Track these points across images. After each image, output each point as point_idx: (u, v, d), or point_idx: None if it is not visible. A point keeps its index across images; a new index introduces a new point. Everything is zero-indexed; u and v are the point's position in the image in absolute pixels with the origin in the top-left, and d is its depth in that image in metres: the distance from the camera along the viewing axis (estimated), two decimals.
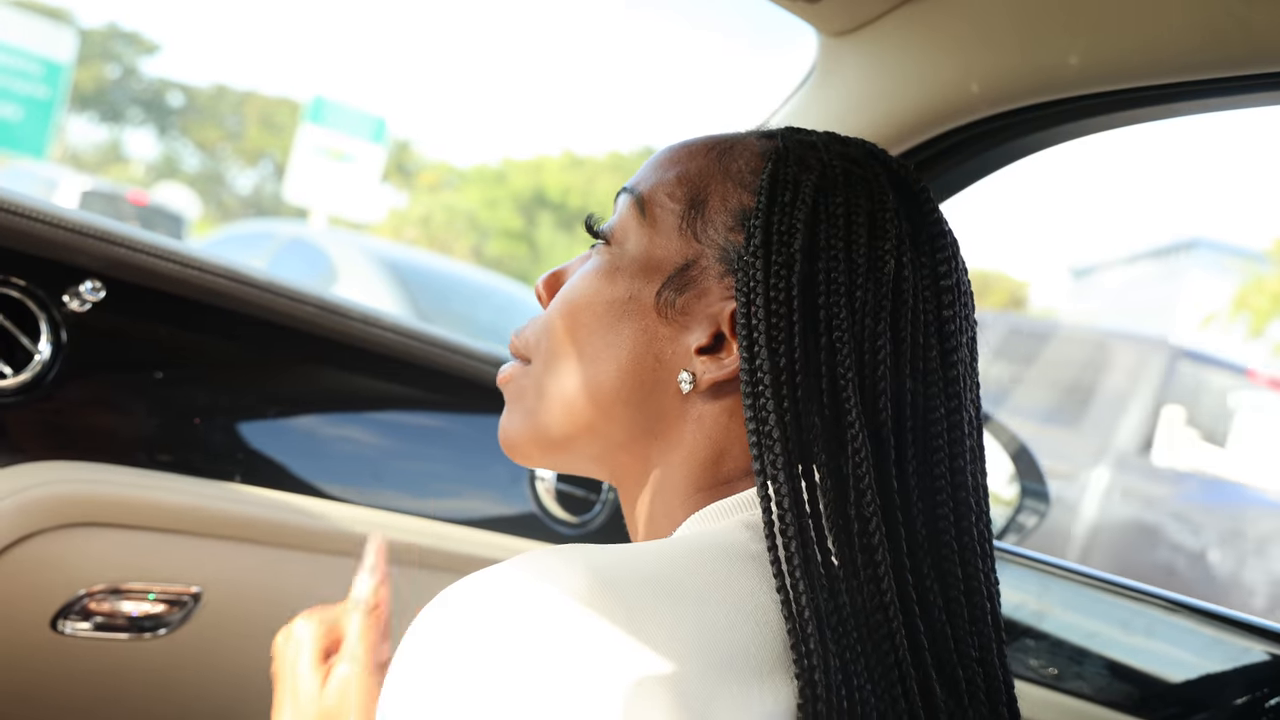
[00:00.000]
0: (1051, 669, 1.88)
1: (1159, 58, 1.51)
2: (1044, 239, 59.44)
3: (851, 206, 1.04)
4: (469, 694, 0.79)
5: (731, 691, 0.83)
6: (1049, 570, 1.98)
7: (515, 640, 0.80)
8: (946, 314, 1.06)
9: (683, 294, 1.06)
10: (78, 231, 1.75)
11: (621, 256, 1.09)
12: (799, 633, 0.88)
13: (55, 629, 1.80)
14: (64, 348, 1.74)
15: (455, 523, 2.15)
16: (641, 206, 1.10)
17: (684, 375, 1.04)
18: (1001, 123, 1.75)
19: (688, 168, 1.10)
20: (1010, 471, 2.32)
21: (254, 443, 1.95)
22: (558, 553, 0.87)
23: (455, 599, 0.85)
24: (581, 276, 1.11)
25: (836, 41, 1.81)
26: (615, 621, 0.81)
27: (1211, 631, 1.82)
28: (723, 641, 0.85)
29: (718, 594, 0.88)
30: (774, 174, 1.06)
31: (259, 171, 42.79)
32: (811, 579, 0.91)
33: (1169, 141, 64.87)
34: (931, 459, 1.02)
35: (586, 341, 1.08)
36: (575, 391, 1.09)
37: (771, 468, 0.95)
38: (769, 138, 1.12)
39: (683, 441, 1.07)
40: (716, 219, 1.06)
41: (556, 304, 1.12)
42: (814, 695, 0.86)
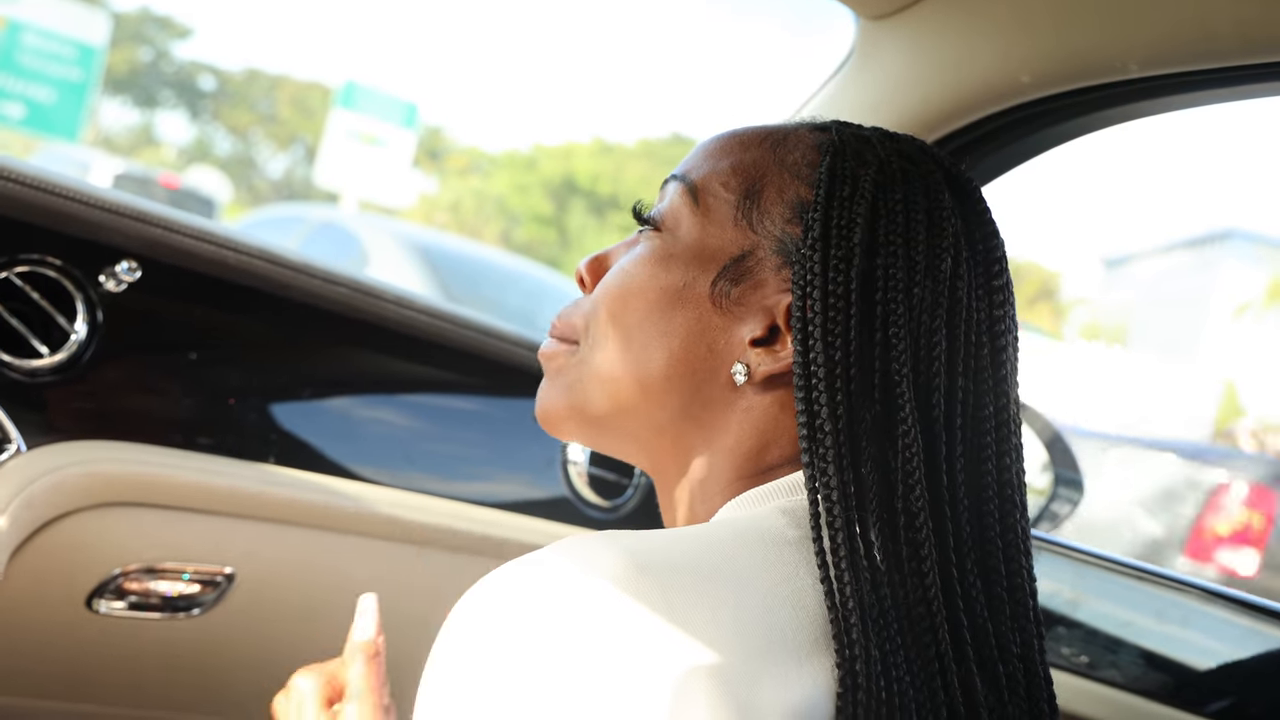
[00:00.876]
0: (1085, 657, 1.87)
1: (1200, 42, 1.50)
2: (1077, 229, 59.22)
3: (910, 203, 1.04)
4: (511, 681, 0.79)
5: (772, 674, 0.83)
6: (1083, 559, 1.97)
7: (558, 627, 0.80)
8: (998, 313, 1.07)
9: (738, 285, 1.05)
10: (114, 211, 1.75)
11: (675, 244, 1.08)
12: (841, 622, 0.88)
13: (90, 608, 1.81)
14: (100, 328, 1.75)
15: (487, 505, 2.15)
16: (694, 194, 1.09)
17: (738, 367, 1.04)
18: (1040, 108, 1.74)
19: (742, 158, 1.09)
20: (1044, 460, 2.31)
21: (287, 424, 1.95)
22: (599, 538, 0.87)
23: (497, 585, 0.86)
24: (633, 262, 1.10)
25: (875, 25, 1.80)
26: (656, 608, 0.81)
27: (1247, 621, 1.81)
28: (761, 626, 0.85)
29: (756, 579, 0.88)
30: (832, 167, 1.05)
31: (290, 156, 42.90)
32: (856, 571, 0.91)
33: (1205, 131, 64.48)
34: (980, 456, 1.03)
35: (638, 327, 1.07)
36: (622, 373, 1.08)
37: (821, 461, 0.95)
38: (822, 130, 1.11)
39: (728, 430, 1.07)
40: (773, 210, 1.06)
41: (605, 288, 1.11)
42: (854, 685, 0.86)
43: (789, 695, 0.83)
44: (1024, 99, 1.71)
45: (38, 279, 1.72)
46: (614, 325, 1.09)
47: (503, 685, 0.79)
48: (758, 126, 1.13)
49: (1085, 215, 58.80)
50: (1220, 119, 67.40)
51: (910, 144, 1.12)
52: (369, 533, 1.99)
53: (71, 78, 15.41)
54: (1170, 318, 33.78)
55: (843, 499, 0.93)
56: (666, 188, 1.13)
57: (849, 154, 1.07)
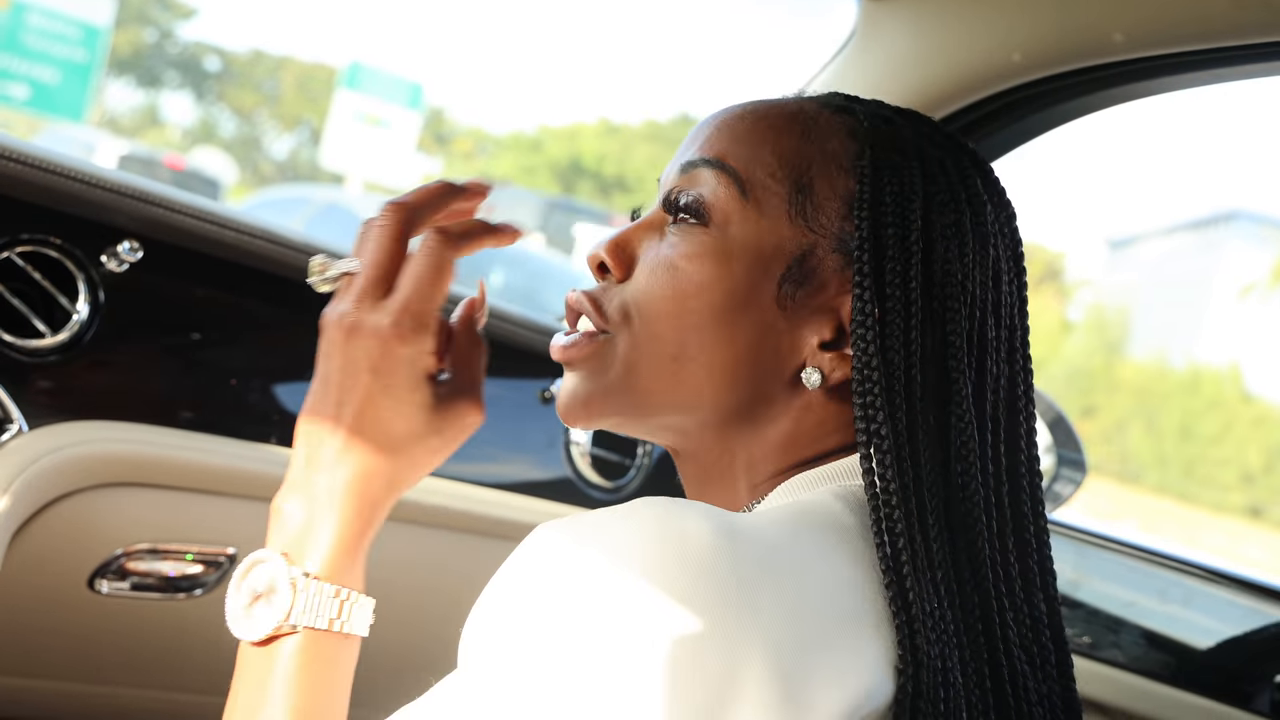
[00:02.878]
0: (1087, 638, 1.87)
1: (1203, 21, 1.50)
2: (1081, 210, 59.09)
3: (954, 194, 1.05)
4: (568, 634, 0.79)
5: (829, 661, 0.82)
6: (1086, 539, 1.97)
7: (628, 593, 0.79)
8: (1025, 295, 1.09)
9: (802, 287, 1.04)
10: (116, 191, 1.75)
11: (730, 242, 1.04)
12: (903, 612, 0.88)
13: (92, 588, 1.81)
14: (101, 308, 1.75)
15: (488, 486, 2.15)
16: (742, 187, 1.05)
17: (811, 373, 1.03)
18: (1041, 88, 1.74)
19: (781, 145, 1.06)
20: (1048, 441, 2.31)
21: (290, 404, 1.95)
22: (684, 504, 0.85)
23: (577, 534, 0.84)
24: (686, 259, 1.05)
25: (877, 6, 1.80)
26: (726, 591, 0.80)
27: (1249, 601, 1.81)
28: (822, 611, 0.85)
29: (817, 565, 0.88)
30: (875, 161, 1.04)
31: (295, 137, 42.82)
32: (916, 564, 0.91)
33: (1209, 111, 64.27)
34: (1015, 439, 1.05)
35: (699, 329, 1.03)
36: (679, 374, 1.05)
37: (881, 466, 0.95)
38: (844, 112, 1.09)
39: (782, 424, 1.06)
40: (828, 206, 1.04)
41: (656, 284, 1.06)
42: (915, 664, 0.87)
43: (850, 679, 0.83)
44: (1025, 79, 1.71)
45: (39, 259, 1.72)
46: (671, 326, 1.04)
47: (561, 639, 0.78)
48: (777, 104, 1.11)
49: (1090, 197, 58.70)
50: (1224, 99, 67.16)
51: (929, 124, 1.12)
52: None
53: (76, 58, 15.38)
54: (1175, 299, 33.73)
55: (903, 502, 0.94)
56: (698, 173, 1.07)
57: (885, 143, 1.06)
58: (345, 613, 0.97)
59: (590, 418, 1.10)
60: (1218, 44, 1.52)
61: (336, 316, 1.01)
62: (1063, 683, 1.02)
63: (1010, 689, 0.95)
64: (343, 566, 0.98)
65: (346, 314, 1.00)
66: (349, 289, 1.02)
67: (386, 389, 0.99)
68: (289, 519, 0.99)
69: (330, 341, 1.01)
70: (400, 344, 0.99)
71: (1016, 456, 1.04)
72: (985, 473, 1.00)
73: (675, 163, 1.12)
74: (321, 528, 0.98)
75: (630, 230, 1.12)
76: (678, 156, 1.12)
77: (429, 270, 1.01)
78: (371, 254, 1.02)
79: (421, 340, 1.00)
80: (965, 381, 0.99)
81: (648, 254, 1.09)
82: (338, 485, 0.99)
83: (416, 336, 1.00)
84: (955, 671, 0.90)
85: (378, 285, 1.01)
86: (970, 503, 0.98)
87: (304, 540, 0.98)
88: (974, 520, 0.98)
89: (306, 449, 1.01)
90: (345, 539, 0.98)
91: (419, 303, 1.00)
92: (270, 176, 40.06)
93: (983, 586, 0.96)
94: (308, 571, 0.96)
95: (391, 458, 1.00)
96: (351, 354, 0.99)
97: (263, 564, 0.98)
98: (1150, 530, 17.41)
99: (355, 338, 0.99)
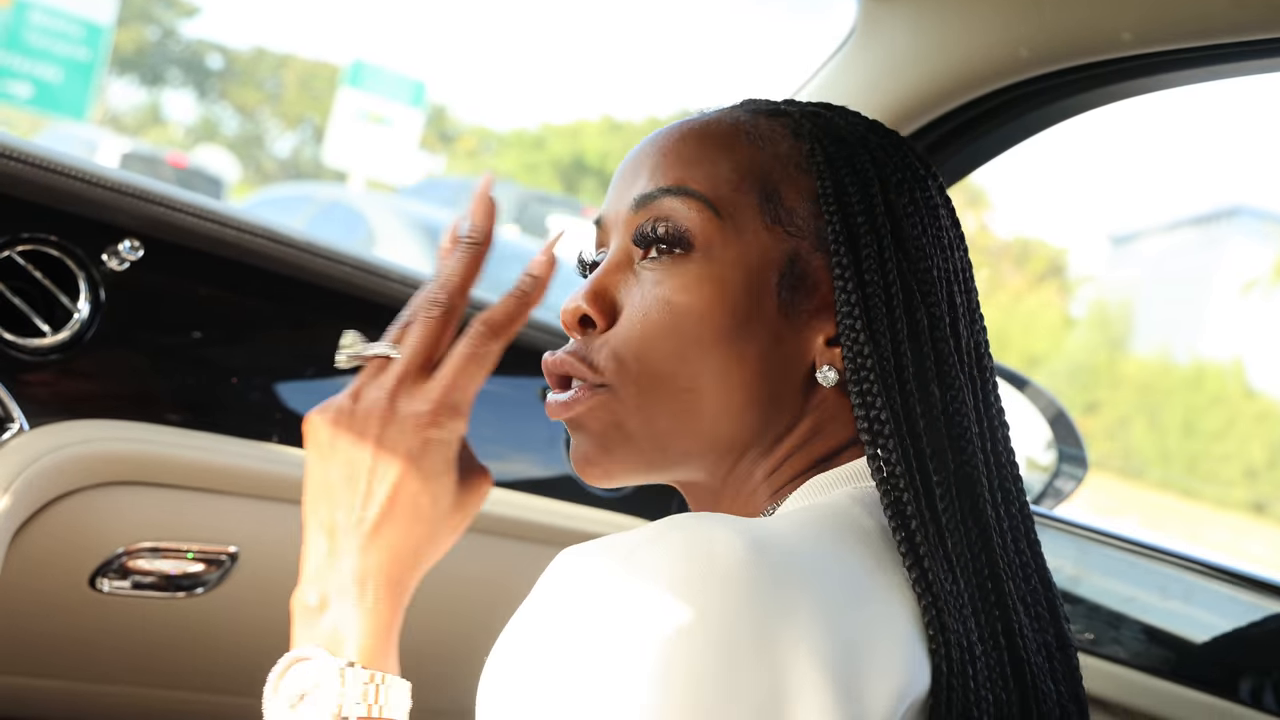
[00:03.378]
0: (1088, 634, 1.87)
1: (1206, 18, 1.50)
2: (1083, 206, 59.07)
3: (902, 172, 1.07)
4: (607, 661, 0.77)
5: (872, 654, 0.82)
6: (1086, 535, 1.97)
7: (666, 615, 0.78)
8: (969, 260, 1.11)
9: (798, 290, 1.04)
10: (117, 190, 1.75)
11: (719, 264, 1.03)
12: (934, 609, 0.89)
13: (94, 587, 1.81)
14: (102, 306, 1.75)
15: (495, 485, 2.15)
16: (714, 207, 1.03)
17: (827, 371, 1.03)
18: (1041, 85, 1.75)
19: (737, 159, 1.06)
20: (1048, 437, 2.31)
21: (291, 403, 1.95)
22: (710, 519, 0.85)
23: (606, 559, 0.83)
24: (682, 292, 1.03)
25: (876, 4, 1.80)
26: (764, 601, 0.79)
27: (1250, 597, 1.81)
28: (853, 611, 0.85)
29: (841, 567, 0.88)
30: (828, 154, 1.06)
31: (298, 135, 42.84)
32: (934, 555, 0.92)
33: (1211, 107, 64.24)
34: (989, 398, 1.07)
35: (709, 357, 1.02)
36: (696, 406, 1.03)
37: (885, 450, 0.96)
38: (779, 115, 1.10)
39: (803, 428, 1.06)
40: (798, 207, 1.05)
41: (651, 324, 1.04)
42: (949, 669, 0.88)
43: (892, 665, 0.83)
44: (1025, 76, 1.72)
45: (40, 258, 1.72)
46: (679, 361, 1.03)
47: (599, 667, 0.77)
48: (711, 121, 1.10)
49: (1092, 192, 58.67)
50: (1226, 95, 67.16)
51: (850, 112, 1.14)
52: None
53: (79, 56, 15.38)
54: (1178, 295, 33.73)
55: (911, 483, 0.95)
56: (661, 203, 1.05)
57: (829, 136, 1.07)
58: (386, 698, 0.96)
59: (613, 475, 1.08)
60: (1218, 40, 1.52)
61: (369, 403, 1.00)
62: (1055, 625, 1.05)
63: (1018, 641, 0.97)
64: (381, 653, 0.98)
65: (380, 401, 0.99)
66: (376, 373, 1.02)
67: (422, 475, 0.98)
68: (318, 611, 0.99)
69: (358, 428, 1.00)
70: (438, 430, 0.98)
71: (992, 412, 1.07)
72: (981, 436, 1.03)
73: (621, 199, 1.10)
74: (356, 616, 0.97)
75: (602, 277, 1.09)
76: (621, 192, 1.10)
77: (472, 362, 1.01)
78: (417, 342, 1.02)
79: (458, 426, 1.00)
80: (951, 351, 1.02)
81: (631, 296, 1.06)
82: (370, 572, 0.98)
83: (454, 424, 0.99)
84: (974, 638, 0.92)
85: (421, 373, 1.01)
86: (970, 465, 1.00)
87: (339, 631, 0.97)
88: (975, 482, 0.99)
89: (327, 538, 1.00)
90: (380, 625, 0.98)
91: (460, 392, 1.00)
92: (273, 174, 40.09)
93: (988, 546, 0.98)
94: (351, 660, 0.96)
95: (420, 540, 1.00)
96: (388, 441, 0.98)
97: (304, 661, 0.97)
98: (1153, 526, 17.42)
99: (391, 425, 0.98)
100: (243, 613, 1.92)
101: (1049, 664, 1.01)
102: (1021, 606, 1.00)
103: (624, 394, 1.04)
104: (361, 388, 1.01)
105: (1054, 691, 1.00)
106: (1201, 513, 22.04)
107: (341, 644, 0.97)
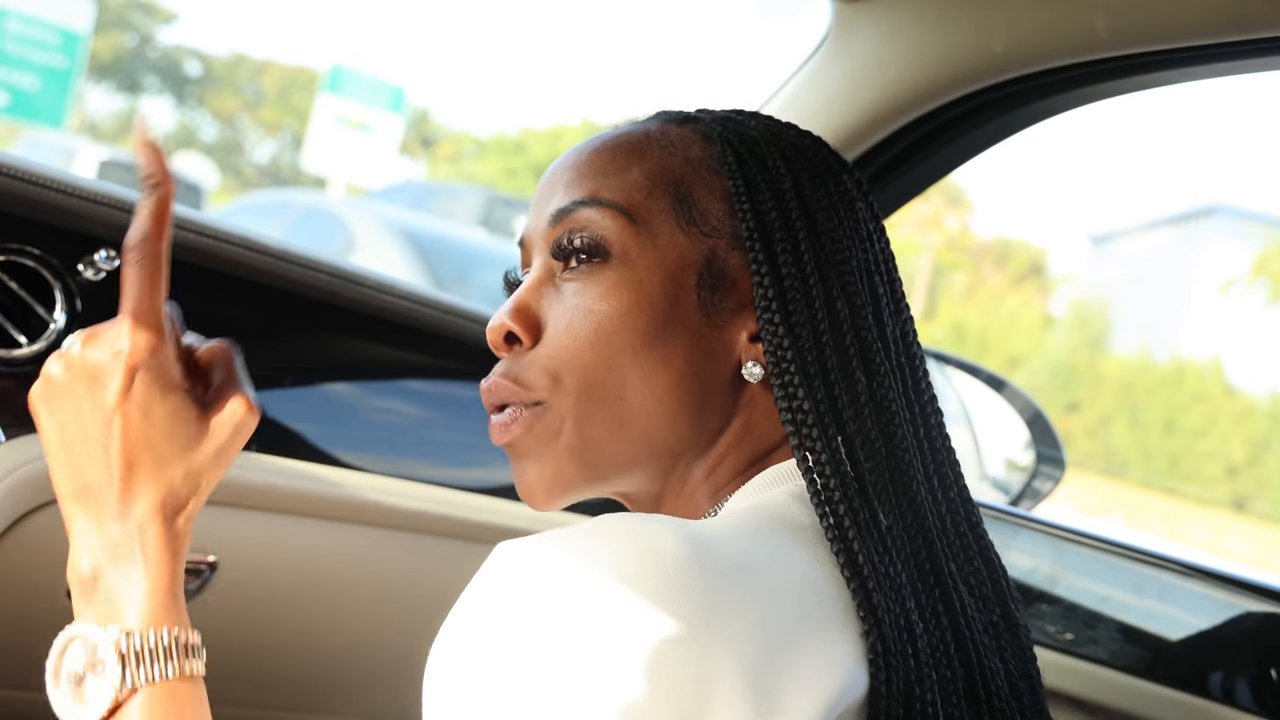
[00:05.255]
0: (1066, 634, 1.88)
1: (1180, 20, 1.51)
2: (1063, 206, 59.24)
3: (815, 168, 1.09)
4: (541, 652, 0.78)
5: (799, 661, 0.83)
6: (1063, 535, 1.98)
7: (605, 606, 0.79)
8: (890, 249, 1.13)
9: (717, 290, 1.05)
10: (92, 200, 1.75)
11: (636, 269, 1.04)
12: (863, 593, 0.90)
13: (70, 598, 1.81)
14: (79, 317, 1.74)
15: (470, 490, 2.15)
16: (629, 214, 1.05)
17: (753, 367, 1.04)
18: (1021, 86, 1.75)
19: (648, 166, 1.08)
20: (1026, 437, 2.32)
21: (270, 411, 1.95)
22: (650, 519, 0.86)
23: (543, 552, 0.83)
24: (598, 299, 1.04)
25: (851, 7, 1.80)
26: (694, 600, 0.80)
27: (1225, 595, 1.82)
28: (787, 613, 0.85)
29: (779, 567, 0.88)
30: (738, 154, 1.07)
31: (277, 141, 42.79)
32: (866, 542, 0.93)
33: (1189, 107, 64.48)
34: (919, 384, 1.09)
35: (634, 363, 1.03)
36: (628, 414, 1.04)
37: (809, 440, 0.98)
38: (690, 121, 1.12)
39: (736, 426, 1.07)
40: (712, 208, 1.06)
41: (575, 335, 1.04)
42: (884, 650, 0.88)
43: (822, 678, 0.83)
44: (1002, 78, 1.72)
45: (16, 268, 1.71)
46: (606, 369, 1.03)
47: (534, 658, 0.78)
48: (623, 133, 1.12)
49: (1072, 192, 58.83)
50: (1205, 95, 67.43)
51: (759, 114, 1.16)
52: (354, 520, 1.99)
53: (55, 64, 15.31)
54: (1157, 294, 33.85)
55: (840, 482, 0.95)
56: (577, 215, 1.07)
57: (739, 137, 1.09)
58: (181, 654, 0.94)
59: (559, 494, 1.08)
60: (1193, 43, 1.53)
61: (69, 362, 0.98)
62: (1001, 605, 1.06)
63: (961, 620, 0.98)
64: (166, 608, 0.95)
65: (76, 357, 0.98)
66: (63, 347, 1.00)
67: (143, 407, 0.96)
68: (92, 582, 0.96)
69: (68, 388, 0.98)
70: (139, 355, 0.97)
71: (924, 399, 1.08)
72: (912, 422, 1.04)
73: (539, 217, 1.11)
74: (131, 577, 0.95)
75: (524, 293, 1.10)
76: (538, 210, 1.12)
77: (140, 275, 0.99)
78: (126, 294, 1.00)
79: (155, 343, 0.98)
80: (874, 340, 1.03)
81: (554, 310, 1.07)
82: (133, 528, 0.96)
83: (150, 343, 0.98)
84: (914, 618, 0.93)
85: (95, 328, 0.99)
86: (902, 450, 1.01)
87: (116, 598, 0.95)
88: (907, 467, 1.01)
89: (84, 510, 0.97)
90: (159, 579, 0.96)
91: (142, 310, 0.98)
92: (252, 181, 40.01)
93: (924, 529, 0.99)
94: (128, 629, 0.93)
95: (173, 480, 0.98)
96: (99, 387, 0.96)
97: (76, 640, 0.95)
98: (1135, 525, 17.47)
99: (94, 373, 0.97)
100: (222, 622, 1.91)
101: (996, 642, 1.02)
102: (965, 587, 1.02)
103: (558, 407, 1.05)
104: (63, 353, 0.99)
105: (1002, 669, 1.01)
106: (1183, 510, 22.11)
107: (121, 611, 0.94)
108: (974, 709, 0.95)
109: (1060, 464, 2.30)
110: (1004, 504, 2.29)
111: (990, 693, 0.97)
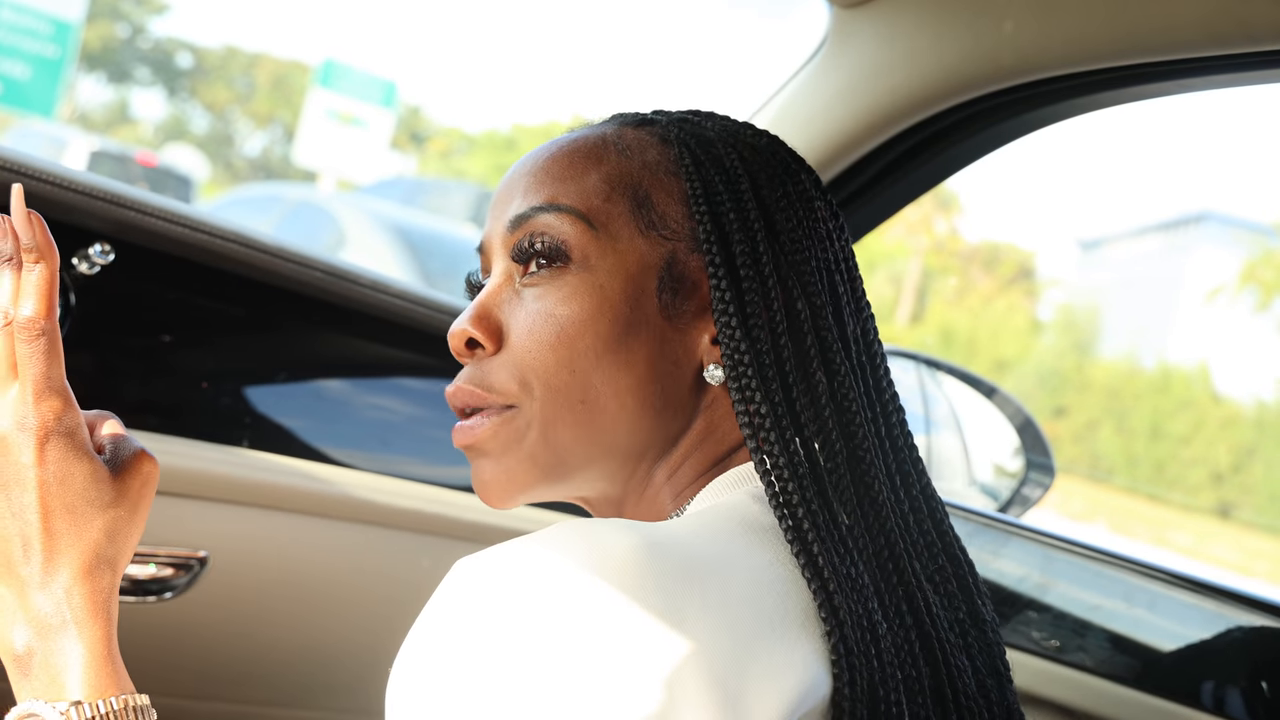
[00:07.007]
0: (1054, 641, 1.88)
1: (1176, 32, 1.51)
2: (1052, 211, 59.30)
3: (772, 168, 1.09)
4: (508, 665, 0.78)
5: (761, 662, 0.83)
6: (1053, 543, 1.98)
7: (565, 611, 0.79)
8: (850, 247, 1.14)
9: (678, 293, 1.06)
10: (87, 194, 1.74)
11: (597, 273, 1.05)
12: (824, 594, 0.90)
13: None
14: (73, 310, 1.74)
15: (459, 489, 2.15)
16: (587, 219, 1.05)
17: (714, 369, 1.04)
18: (1015, 95, 1.76)
19: (605, 170, 1.08)
20: (1016, 444, 2.32)
21: (261, 407, 1.95)
22: (608, 523, 0.86)
23: (500, 562, 0.84)
24: (559, 303, 1.04)
25: (849, 13, 1.80)
26: (653, 602, 0.81)
27: (1214, 605, 1.82)
28: (749, 614, 0.86)
29: (740, 569, 0.89)
30: (694, 156, 1.08)
31: (268, 134, 42.69)
32: (826, 543, 0.93)
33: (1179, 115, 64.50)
34: (880, 383, 1.09)
35: (597, 366, 1.03)
36: (591, 416, 1.04)
37: (766, 443, 0.98)
38: (647, 124, 1.13)
39: (698, 427, 1.07)
40: (671, 211, 1.07)
41: (538, 339, 1.05)
42: (847, 650, 0.88)
43: (785, 678, 0.84)
44: (998, 86, 1.72)
45: None
46: (569, 372, 1.04)
47: (498, 669, 0.78)
48: (579, 138, 1.12)
49: (1061, 197, 58.90)
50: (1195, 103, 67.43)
51: (718, 116, 1.16)
52: (343, 516, 2.00)
53: (47, 54, 15.26)
54: (1145, 300, 33.87)
55: (798, 485, 0.96)
56: (536, 221, 1.07)
57: (696, 140, 1.09)
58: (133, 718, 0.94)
59: (514, 494, 1.09)
60: (1182, 56, 1.54)
61: None
62: (967, 601, 1.07)
63: (926, 618, 0.98)
64: (108, 674, 0.95)
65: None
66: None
67: (58, 475, 0.95)
68: (26, 658, 0.95)
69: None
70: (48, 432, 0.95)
71: (885, 398, 1.09)
72: (873, 421, 1.05)
73: (498, 222, 1.11)
74: (68, 648, 0.95)
75: (484, 299, 1.10)
76: (497, 216, 1.12)
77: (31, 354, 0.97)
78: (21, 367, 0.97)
79: (61, 409, 0.97)
80: (835, 339, 1.03)
81: (515, 315, 1.08)
82: (59, 595, 0.95)
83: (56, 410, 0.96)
84: (877, 618, 0.93)
85: None
86: (862, 450, 1.01)
87: (54, 670, 0.94)
88: (868, 466, 1.01)
89: (6, 586, 0.96)
90: (95, 644, 0.95)
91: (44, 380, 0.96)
92: (243, 174, 39.93)
93: (885, 528, 1.00)
94: (74, 700, 0.93)
95: (97, 541, 0.97)
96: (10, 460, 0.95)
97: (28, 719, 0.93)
98: (1120, 530, 17.48)
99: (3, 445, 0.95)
100: (212, 617, 1.91)
101: (963, 640, 1.03)
102: (930, 585, 1.02)
103: (526, 411, 1.06)
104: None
105: (969, 666, 1.01)
106: (1168, 516, 22.13)
107: (62, 685, 0.94)
108: (941, 708, 0.96)
109: (1050, 471, 2.31)
110: (993, 510, 2.29)
111: (957, 691, 0.98)
